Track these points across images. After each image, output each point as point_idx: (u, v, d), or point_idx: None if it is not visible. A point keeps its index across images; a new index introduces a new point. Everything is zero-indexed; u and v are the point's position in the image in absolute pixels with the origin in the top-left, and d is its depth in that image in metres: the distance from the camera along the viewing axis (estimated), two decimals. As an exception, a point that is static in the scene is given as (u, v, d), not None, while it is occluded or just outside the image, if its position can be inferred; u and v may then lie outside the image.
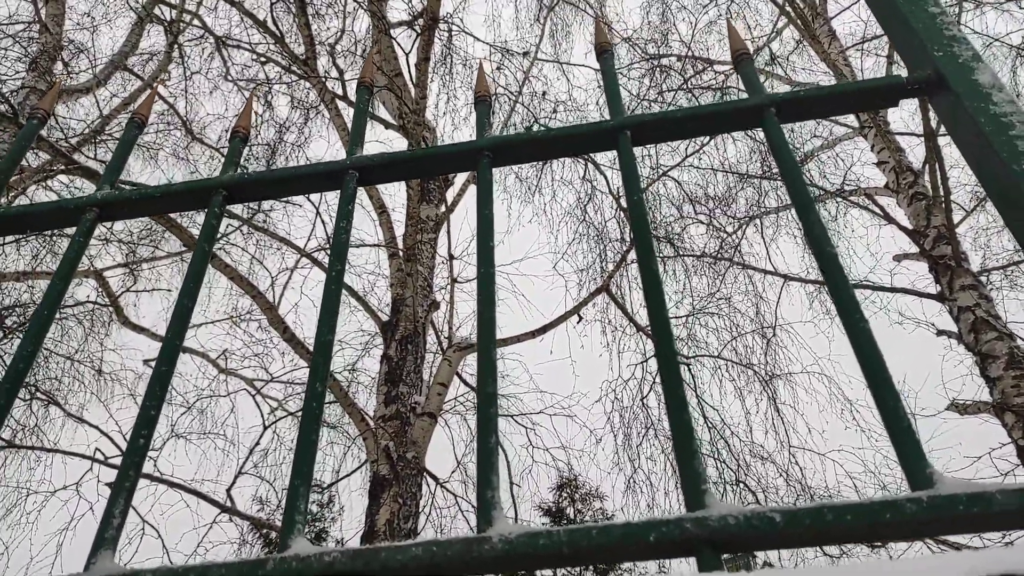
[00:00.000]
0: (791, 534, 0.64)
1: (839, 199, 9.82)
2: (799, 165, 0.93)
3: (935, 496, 0.63)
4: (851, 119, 10.20)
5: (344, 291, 7.35)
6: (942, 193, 7.37)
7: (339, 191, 1.05)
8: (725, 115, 1.02)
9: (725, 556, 0.66)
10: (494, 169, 1.05)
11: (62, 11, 10.11)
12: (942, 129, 8.54)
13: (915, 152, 8.73)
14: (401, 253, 6.97)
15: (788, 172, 0.93)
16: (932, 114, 8.25)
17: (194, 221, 7.77)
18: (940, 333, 7.94)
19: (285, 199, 8.47)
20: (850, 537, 0.64)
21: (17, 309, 8.08)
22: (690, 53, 10.50)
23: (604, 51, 1.17)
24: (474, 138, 1.08)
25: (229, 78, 10.21)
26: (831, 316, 9.29)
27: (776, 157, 0.96)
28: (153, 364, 0.95)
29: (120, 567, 0.71)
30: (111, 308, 7.74)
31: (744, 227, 9.90)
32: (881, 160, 9.31)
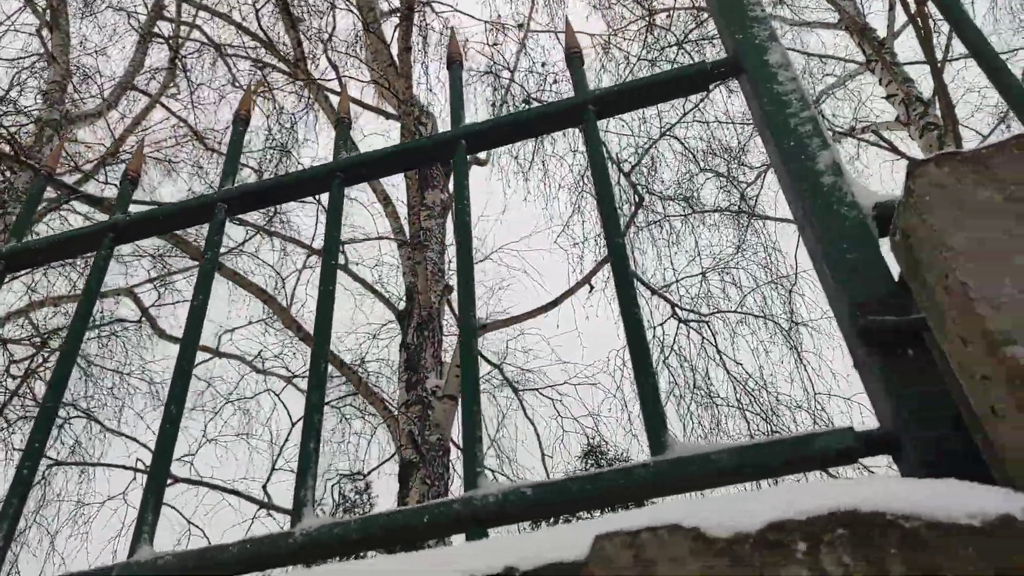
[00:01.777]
0: (542, 505, 0.73)
1: (852, 138, 9.63)
2: (607, 164, 1.00)
3: (661, 461, 0.72)
4: (859, 55, 9.94)
5: (360, 285, 7.52)
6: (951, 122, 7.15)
7: (209, 219, 1.15)
8: (549, 116, 1.09)
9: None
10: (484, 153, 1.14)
11: (67, 40, 10.38)
12: (954, 51, 8.28)
13: (926, 82, 8.45)
14: (409, 241, 7.09)
15: (597, 170, 1.00)
16: (936, 41, 8.00)
17: (201, 234, 8.02)
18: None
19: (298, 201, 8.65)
20: (591, 504, 0.72)
21: (59, 332, 8.46)
22: (693, 4, 10.32)
23: (453, 62, 1.24)
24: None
25: (236, 84, 10.40)
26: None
27: (589, 153, 1.02)
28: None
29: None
30: (144, 323, 8.06)
31: (763, 175, 9.77)
32: (890, 93, 9.07)
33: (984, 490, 0.53)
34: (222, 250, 7.80)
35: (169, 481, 6.75)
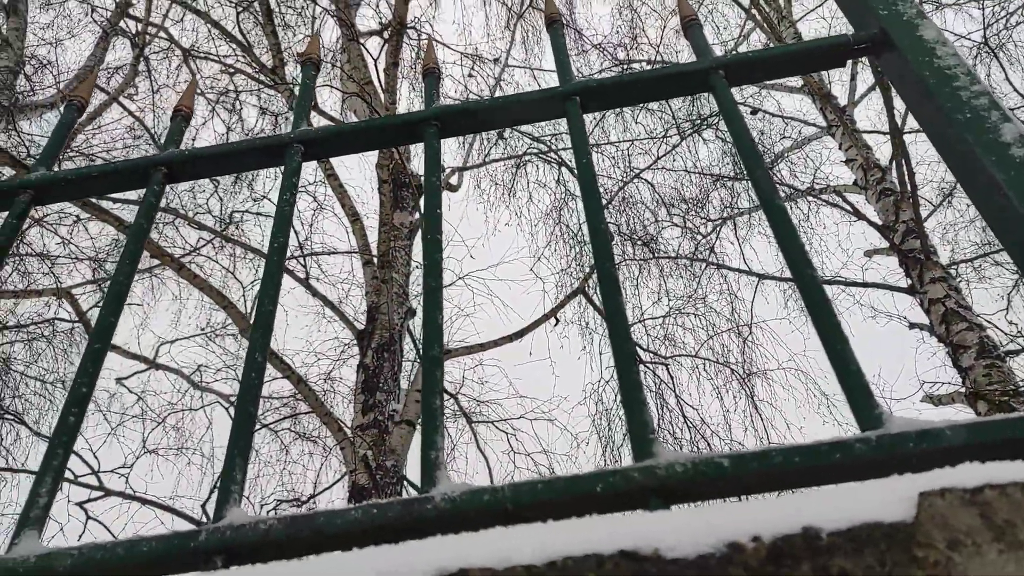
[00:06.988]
0: (740, 478, 0.62)
1: (810, 198, 9.93)
2: (747, 126, 0.92)
3: (884, 435, 0.62)
4: (819, 119, 10.35)
5: (318, 300, 7.28)
6: (909, 188, 7.44)
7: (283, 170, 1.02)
8: (673, 78, 1.01)
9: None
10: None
11: (24, 25, 9.95)
12: (908, 125, 8.69)
13: (882, 150, 8.88)
14: (375, 260, 6.91)
15: (737, 133, 0.92)
16: (898, 109, 8.36)
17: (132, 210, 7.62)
18: (912, 326, 8.04)
19: (256, 211, 8.40)
20: (800, 480, 0.62)
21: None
22: (659, 57, 10.60)
23: (554, 22, 1.16)
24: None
25: (198, 91, 10.09)
26: (805, 313, 9.38)
27: (725, 119, 0.95)
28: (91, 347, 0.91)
29: (45, 546, 0.67)
30: (80, 325, 7.60)
31: (718, 228, 9.98)
32: (849, 158, 9.43)
33: None
34: (181, 252, 7.43)
35: (100, 493, 6.27)
